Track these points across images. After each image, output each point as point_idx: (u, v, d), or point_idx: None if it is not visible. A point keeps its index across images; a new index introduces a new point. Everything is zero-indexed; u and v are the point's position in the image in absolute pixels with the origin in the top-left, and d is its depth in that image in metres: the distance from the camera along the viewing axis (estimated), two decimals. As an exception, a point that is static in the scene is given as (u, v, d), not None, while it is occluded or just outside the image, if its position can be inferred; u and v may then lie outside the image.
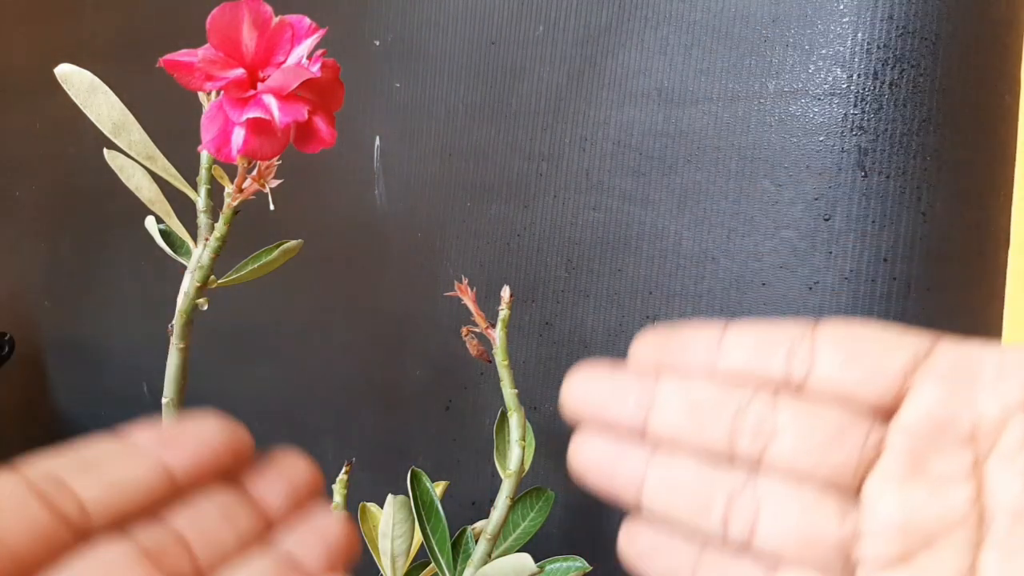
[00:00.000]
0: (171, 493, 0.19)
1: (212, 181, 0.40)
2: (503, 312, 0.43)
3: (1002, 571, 0.18)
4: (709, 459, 0.21)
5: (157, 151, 0.40)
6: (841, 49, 0.45)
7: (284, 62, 0.33)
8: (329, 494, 0.45)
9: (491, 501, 0.44)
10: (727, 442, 0.21)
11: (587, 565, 0.44)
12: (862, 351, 0.20)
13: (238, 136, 0.32)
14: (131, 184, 0.41)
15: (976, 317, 0.48)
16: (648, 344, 0.23)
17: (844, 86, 0.45)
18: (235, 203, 0.37)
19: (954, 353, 0.20)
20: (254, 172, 0.36)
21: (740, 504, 0.20)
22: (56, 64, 0.38)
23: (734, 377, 0.21)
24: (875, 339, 0.20)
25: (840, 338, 0.21)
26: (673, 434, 0.21)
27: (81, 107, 0.39)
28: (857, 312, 0.47)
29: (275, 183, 0.36)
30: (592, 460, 0.22)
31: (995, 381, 0.19)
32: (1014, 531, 0.18)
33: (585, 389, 0.23)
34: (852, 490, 0.20)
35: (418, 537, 0.46)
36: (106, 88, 0.39)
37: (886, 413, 0.20)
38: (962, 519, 0.19)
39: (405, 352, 0.65)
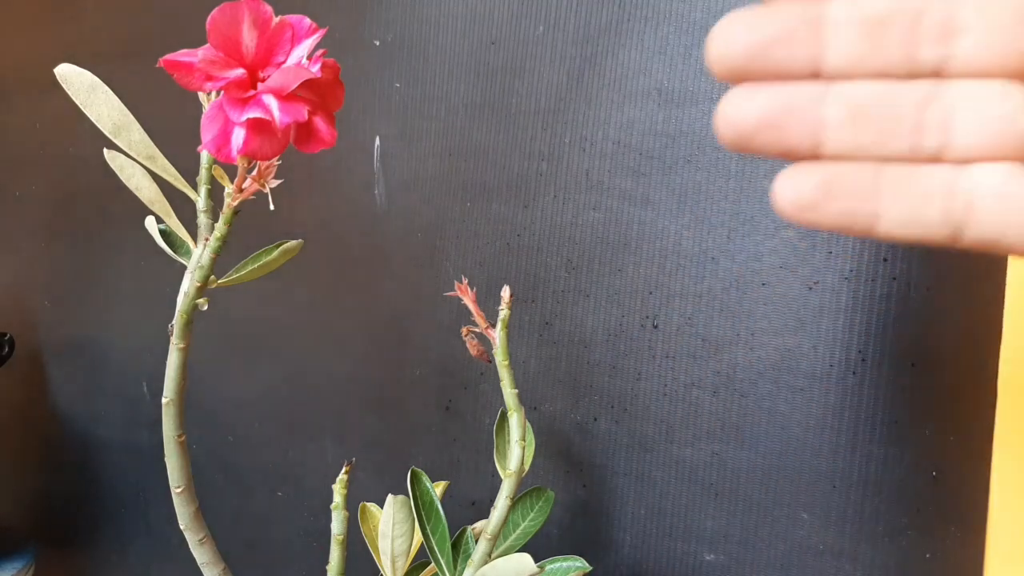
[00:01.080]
0: None
1: (212, 181, 0.40)
2: (503, 312, 0.43)
3: None
4: (890, 76, 0.20)
5: (157, 151, 0.40)
6: (841, 49, 0.45)
7: (284, 62, 0.33)
8: (329, 494, 0.45)
9: (491, 501, 0.44)
10: (908, 53, 0.20)
11: (587, 565, 0.44)
12: None
13: (238, 136, 0.32)
14: (131, 184, 0.41)
15: (976, 317, 0.48)
16: None
17: (844, 86, 0.45)
18: (235, 203, 0.37)
19: None
20: (254, 172, 0.36)
21: (932, 112, 0.20)
22: (56, 64, 0.38)
23: None
24: None
25: None
26: (850, 61, 0.20)
27: (81, 107, 0.39)
28: (857, 312, 0.47)
29: (275, 183, 0.36)
30: (758, 114, 0.20)
31: None
32: None
33: (742, 35, 0.20)
34: None
35: (418, 537, 0.46)
36: (106, 88, 0.39)
37: None
38: None
39: (405, 352, 0.65)
